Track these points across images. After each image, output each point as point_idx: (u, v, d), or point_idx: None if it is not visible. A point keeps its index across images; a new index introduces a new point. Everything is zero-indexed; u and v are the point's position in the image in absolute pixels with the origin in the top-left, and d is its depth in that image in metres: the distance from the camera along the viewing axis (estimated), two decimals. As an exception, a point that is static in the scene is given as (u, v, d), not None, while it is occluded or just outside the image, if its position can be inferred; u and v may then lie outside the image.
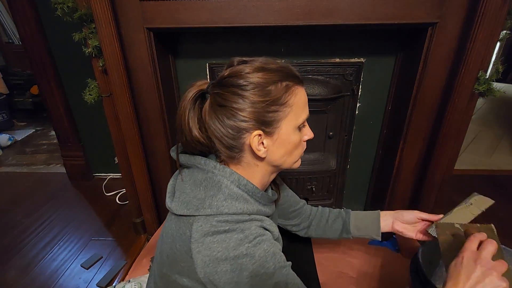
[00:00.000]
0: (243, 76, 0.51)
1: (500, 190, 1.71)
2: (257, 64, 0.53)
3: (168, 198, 0.57)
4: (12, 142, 2.45)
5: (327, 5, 0.87)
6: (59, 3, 0.86)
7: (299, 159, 0.62)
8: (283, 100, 0.52)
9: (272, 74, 0.52)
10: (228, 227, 0.49)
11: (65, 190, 1.78)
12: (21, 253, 1.30)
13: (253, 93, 0.50)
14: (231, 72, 0.52)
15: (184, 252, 0.50)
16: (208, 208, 0.50)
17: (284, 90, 0.52)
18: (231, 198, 0.51)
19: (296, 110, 0.54)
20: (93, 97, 1.02)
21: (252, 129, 0.52)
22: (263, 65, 0.53)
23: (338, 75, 1.13)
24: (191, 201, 0.52)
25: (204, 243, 0.48)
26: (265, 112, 0.51)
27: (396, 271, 1.13)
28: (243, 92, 0.50)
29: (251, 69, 0.51)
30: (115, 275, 1.15)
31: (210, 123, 0.53)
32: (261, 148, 0.53)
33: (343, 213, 0.88)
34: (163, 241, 0.58)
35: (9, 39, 3.20)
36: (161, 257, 0.58)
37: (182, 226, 0.51)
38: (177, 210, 0.52)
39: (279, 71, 0.53)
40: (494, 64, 0.94)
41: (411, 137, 1.05)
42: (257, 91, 0.50)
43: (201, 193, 0.52)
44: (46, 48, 1.50)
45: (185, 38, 1.10)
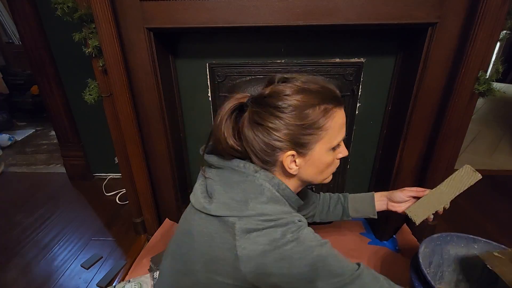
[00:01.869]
0: (282, 98, 0.52)
1: (500, 190, 1.71)
2: (297, 84, 0.53)
3: (203, 199, 0.56)
4: (12, 142, 2.45)
5: (327, 5, 0.87)
6: (59, 3, 0.86)
7: (331, 175, 0.64)
8: (320, 124, 0.53)
9: (312, 96, 0.53)
10: (272, 223, 0.50)
11: (65, 190, 1.78)
12: (21, 253, 1.30)
13: (290, 116, 0.52)
14: (272, 92, 0.53)
15: (227, 250, 0.50)
16: (252, 210, 0.51)
17: (322, 114, 0.53)
18: (273, 201, 0.53)
19: (332, 133, 0.55)
20: (93, 97, 1.02)
21: (286, 149, 0.54)
22: (303, 86, 0.53)
23: (338, 75, 1.13)
24: (230, 203, 0.52)
25: (250, 239, 0.49)
26: (300, 135, 0.53)
27: (396, 271, 1.13)
28: (281, 114, 0.52)
29: (291, 91, 0.52)
30: (115, 275, 1.15)
31: (247, 135, 0.55)
32: (293, 166, 0.56)
33: (341, 198, 0.93)
34: (193, 239, 0.56)
35: (9, 39, 3.20)
36: (188, 256, 0.57)
37: (222, 225, 0.52)
38: (216, 211, 0.52)
39: (319, 92, 0.53)
40: (494, 64, 0.94)
41: (411, 137, 1.05)
42: (295, 114, 0.52)
43: (239, 194, 0.53)
44: (46, 48, 1.50)
45: (185, 38, 1.10)
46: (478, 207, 1.54)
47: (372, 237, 1.32)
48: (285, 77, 0.55)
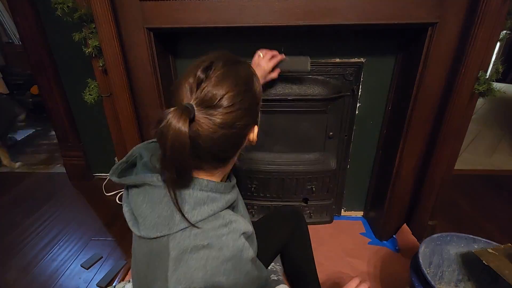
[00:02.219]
0: (219, 98, 0.48)
1: (500, 190, 1.71)
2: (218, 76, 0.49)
3: (132, 226, 0.53)
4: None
5: (327, 5, 0.87)
6: (59, 3, 0.86)
7: None
8: (259, 91, 0.57)
9: (246, 77, 0.54)
10: (207, 242, 0.48)
11: (65, 190, 1.78)
12: (21, 253, 1.30)
13: (247, 102, 0.51)
14: (205, 96, 0.47)
15: (161, 271, 0.48)
16: (180, 222, 0.48)
17: (258, 83, 0.57)
18: (198, 204, 0.50)
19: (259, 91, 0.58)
20: (93, 97, 1.02)
21: (251, 129, 0.56)
22: (235, 72, 0.51)
23: (338, 75, 1.13)
24: (158, 222, 0.50)
25: (183, 260, 0.47)
26: (256, 110, 0.56)
27: (396, 271, 1.13)
28: (240, 107, 0.49)
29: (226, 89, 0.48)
30: (115, 275, 1.15)
31: (210, 138, 0.48)
32: (255, 137, 0.58)
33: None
34: (137, 266, 0.56)
35: (9, 39, 3.20)
36: (139, 283, 0.56)
37: (155, 247, 0.50)
38: (148, 234, 0.50)
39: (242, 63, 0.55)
40: (494, 64, 0.94)
41: (411, 137, 1.05)
42: (249, 98, 0.52)
43: (164, 210, 0.50)
44: (46, 48, 1.50)
45: (185, 38, 1.10)
46: (478, 207, 1.54)
47: (372, 237, 1.32)
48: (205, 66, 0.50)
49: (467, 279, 0.99)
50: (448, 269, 0.99)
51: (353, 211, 1.46)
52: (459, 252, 0.97)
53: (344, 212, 1.46)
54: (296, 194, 1.32)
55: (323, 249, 1.23)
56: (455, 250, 0.98)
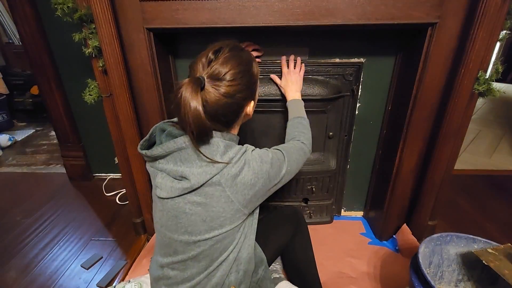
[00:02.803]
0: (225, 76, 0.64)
1: (500, 190, 1.71)
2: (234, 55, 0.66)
3: (179, 184, 0.64)
4: (12, 142, 2.45)
5: (327, 5, 0.87)
6: (59, 3, 0.86)
7: None
8: (256, 72, 0.73)
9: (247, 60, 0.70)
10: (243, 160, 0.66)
11: (65, 190, 1.78)
12: (21, 253, 1.30)
13: (246, 80, 0.68)
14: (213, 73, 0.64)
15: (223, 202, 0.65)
16: (218, 161, 0.63)
17: (257, 67, 0.74)
18: (226, 147, 0.66)
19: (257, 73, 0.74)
20: (93, 97, 1.02)
21: (248, 102, 0.72)
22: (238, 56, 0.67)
23: (338, 75, 1.13)
24: (203, 170, 0.62)
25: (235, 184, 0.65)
26: (253, 88, 0.73)
27: (396, 271, 1.13)
28: (235, 82, 0.65)
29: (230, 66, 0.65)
30: (115, 275, 1.15)
31: (218, 106, 0.64)
32: (252, 110, 0.75)
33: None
34: (186, 214, 0.66)
35: (9, 39, 3.20)
36: (188, 226, 0.67)
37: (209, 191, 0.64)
38: (200, 182, 0.62)
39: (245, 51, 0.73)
40: (494, 64, 0.94)
41: (411, 137, 1.05)
42: (248, 76, 0.69)
43: (203, 161, 0.63)
44: (46, 48, 1.50)
45: (185, 38, 1.10)
46: (478, 207, 1.54)
47: (372, 237, 1.32)
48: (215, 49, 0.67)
49: (467, 279, 0.99)
50: (448, 269, 0.99)
51: (353, 211, 1.46)
52: (459, 252, 0.97)
53: (344, 212, 1.46)
54: (296, 194, 1.32)
55: (323, 249, 1.23)
56: (455, 250, 0.98)
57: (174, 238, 0.69)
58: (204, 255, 0.69)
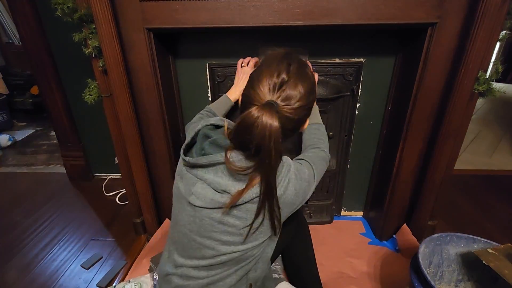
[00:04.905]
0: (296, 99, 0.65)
1: (500, 190, 1.71)
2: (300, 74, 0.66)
3: (214, 195, 0.64)
4: (12, 142, 2.45)
5: (327, 5, 0.87)
6: (59, 3, 0.86)
7: None
8: (316, 90, 0.75)
9: (310, 75, 0.70)
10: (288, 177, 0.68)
11: (65, 190, 1.78)
12: (21, 253, 1.30)
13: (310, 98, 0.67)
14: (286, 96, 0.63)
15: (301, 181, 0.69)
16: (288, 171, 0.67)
17: (315, 83, 0.75)
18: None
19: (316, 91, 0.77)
20: (93, 97, 1.02)
21: (307, 118, 0.74)
22: (303, 74, 0.67)
23: (338, 75, 1.13)
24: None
25: (296, 165, 0.71)
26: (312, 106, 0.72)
27: (396, 271, 1.13)
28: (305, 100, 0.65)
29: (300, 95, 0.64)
30: (115, 275, 1.15)
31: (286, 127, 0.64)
32: (305, 126, 0.77)
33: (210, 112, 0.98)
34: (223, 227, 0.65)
35: (9, 39, 3.20)
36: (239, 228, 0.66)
37: (250, 206, 0.63)
38: (243, 199, 0.62)
39: (302, 62, 0.71)
40: (494, 64, 0.94)
41: (411, 137, 1.05)
42: (311, 90, 0.68)
43: (242, 178, 0.63)
44: (46, 48, 1.50)
45: (185, 38, 1.10)
46: (478, 207, 1.54)
47: (372, 237, 1.32)
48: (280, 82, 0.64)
49: (467, 279, 0.99)
50: (448, 269, 0.99)
51: (353, 211, 1.46)
52: (459, 252, 0.97)
53: (344, 212, 1.46)
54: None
55: (323, 249, 1.22)
56: (455, 250, 0.98)
57: (206, 245, 0.67)
58: (233, 262, 0.69)
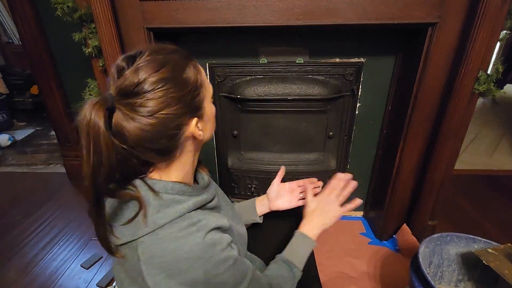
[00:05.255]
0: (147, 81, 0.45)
1: (500, 190, 1.71)
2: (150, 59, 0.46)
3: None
4: (12, 142, 2.45)
5: (327, 5, 0.87)
6: (59, 3, 0.86)
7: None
8: (198, 82, 0.52)
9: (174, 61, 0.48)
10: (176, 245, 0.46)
11: (65, 190, 1.78)
12: (21, 253, 1.30)
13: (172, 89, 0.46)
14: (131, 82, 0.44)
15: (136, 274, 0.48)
16: (145, 227, 0.46)
17: (194, 72, 0.51)
18: (163, 207, 0.48)
19: (207, 85, 0.55)
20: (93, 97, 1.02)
21: (189, 120, 0.50)
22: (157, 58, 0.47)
23: (338, 75, 1.13)
24: (124, 228, 0.49)
25: (154, 264, 0.46)
26: (191, 100, 0.50)
27: (396, 271, 1.13)
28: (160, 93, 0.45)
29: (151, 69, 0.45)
30: (115, 275, 1.15)
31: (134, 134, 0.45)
32: (200, 132, 0.53)
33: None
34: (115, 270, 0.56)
35: (9, 39, 3.20)
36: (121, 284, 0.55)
37: (127, 253, 0.49)
38: (117, 241, 0.49)
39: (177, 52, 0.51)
40: (494, 64, 0.94)
41: (411, 137, 1.05)
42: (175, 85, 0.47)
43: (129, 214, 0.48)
44: (46, 48, 1.50)
45: (185, 38, 1.10)
46: (478, 207, 1.54)
47: (372, 237, 1.32)
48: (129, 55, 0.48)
49: (467, 279, 0.99)
50: (448, 269, 0.99)
51: (353, 211, 1.46)
52: (459, 252, 0.97)
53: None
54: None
55: (323, 249, 1.22)
56: (455, 250, 0.98)
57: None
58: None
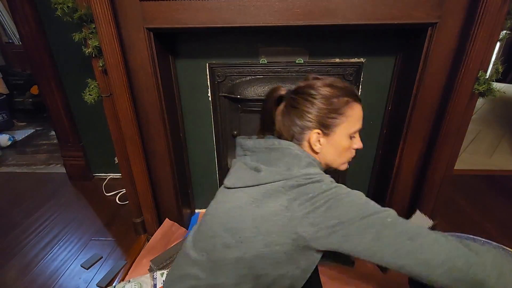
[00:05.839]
0: (315, 88, 0.66)
1: (500, 190, 1.71)
2: (327, 81, 0.67)
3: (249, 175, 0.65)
4: (12, 142, 2.45)
5: (327, 5, 0.87)
6: (59, 3, 0.86)
7: (346, 163, 0.73)
8: (341, 111, 0.66)
9: (337, 90, 0.66)
10: (318, 178, 0.61)
11: (65, 190, 1.78)
12: (21, 253, 1.30)
13: (320, 101, 0.65)
14: (306, 84, 0.68)
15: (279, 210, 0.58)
16: (297, 172, 0.61)
17: (344, 104, 0.66)
18: (311, 165, 0.64)
19: (351, 121, 0.67)
20: (93, 97, 1.02)
21: (313, 128, 0.66)
22: (332, 83, 0.67)
23: (338, 75, 1.13)
24: (277, 170, 0.62)
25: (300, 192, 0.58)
26: (326, 117, 0.65)
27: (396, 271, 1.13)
28: (313, 100, 0.65)
29: (322, 84, 0.66)
30: (115, 275, 1.15)
31: (284, 118, 0.69)
32: (317, 144, 0.67)
33: None
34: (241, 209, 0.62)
35: (9, 39, 3.20)
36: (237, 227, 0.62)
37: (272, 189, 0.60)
38: (267, 178, 0.61)
39: (343, 88, 0.67)
40: (494, 64, 0.94)
41: (411, 137, 1.05)
42: (323, 100, 0.65)
43: (281, 167, 0.63)
44: (46, 48, 1.50)
45: (185, 38, 1.10)
46: (478, 207, 1.54)
47: (372, 237, 1.32)
48: (317, 76, 0.70)
49: (467, 279, 0.98)
50: (448, 269, 0.99)
51: (353, 211, 1.46)
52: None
53: (344, 212, 1.46)
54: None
55: (323, 249, 1.22)
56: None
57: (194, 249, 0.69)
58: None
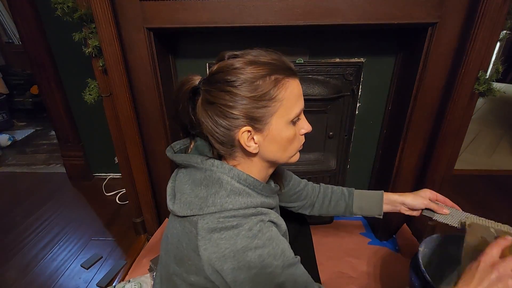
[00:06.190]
0: (230, 72, 0.49)
1: (500, 190, 1.71)
2: (247, 58, 0.50)
3: (169, 200, 0.56)
4: (12, 142, 2.45)
5: (327, 5, 0.87)
6: (59, 3, 0.86)
7: (297, 153, 0.60)
8: (272, 95, 0.50)
9: (261, 68, 0.49)
10: (235, 223, 0.48)
11: (65, 190, 1.78)
12: (21, 253, 1.30)
13: (241, 89, 0.48)
14: (219, 67, 0.51)
15: (191, 250, 0.50)
16: (212, 206, 0.49)
17: (272, 85, 0.50)
18: (234, 193, 0.51)
19: (287, 104, 0.52)
20: (93, 97, 1.02)
21: (241, 126, 0.51)
22: (253, 59, 0.50)
23: (338, 75, 1.13)
24: (193, 201, 0.51)
25: (211, 240, 0.47)
26: (253, 108, 0.49)
27: (396, 271, 1.13)
28: (231, 88, 0.49)
29: (240, 64, 0.49)
30: (115, 275, 1.15)
31: (202, 118, 0.53)
32: (251, 144, 0.52)
33: (345, 194, 0.87)
34: (168, 242, 0.58)
35: (9, 39, 3.20)
36: (167, 258, 0.58)
37: (187, 225, 0.51)
38: (180, 211, 0.52)
39: (269, 64, 0.50)
40: (494, 64, 0.94)
41: (411, 137, 1.05)
42: (245, 86, 0.49)
43: (202, 192, 0.51)
44: (46, 48, 1.50)
45: (185, 38, 1.10)
46: (478, 207, 1.54)
47: (372, 237, 1.32)
48: (235, 53, 0.52)
49: (467, 279, 0.98)
50: (448, 269, 0.99)
51: (353, 211, 1.46)
52: (459, 252, 0.97)
53: (344, 212, 1.46)
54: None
55: (323, 249, 1.22)
56: (455, 250, 0.98)
57: (158, 267, 0.67)
58: None
